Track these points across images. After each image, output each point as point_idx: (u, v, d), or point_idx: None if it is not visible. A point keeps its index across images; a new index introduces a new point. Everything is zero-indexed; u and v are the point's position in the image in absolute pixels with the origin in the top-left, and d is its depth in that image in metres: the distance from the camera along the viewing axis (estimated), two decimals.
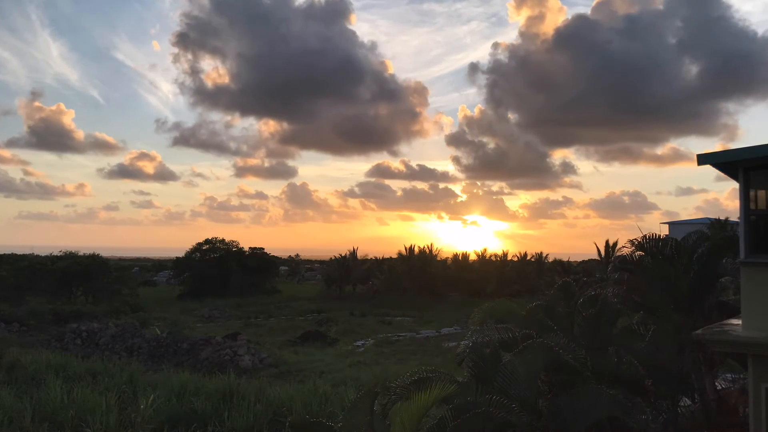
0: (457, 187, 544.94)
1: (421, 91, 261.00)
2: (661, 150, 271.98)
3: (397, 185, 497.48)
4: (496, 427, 7.35)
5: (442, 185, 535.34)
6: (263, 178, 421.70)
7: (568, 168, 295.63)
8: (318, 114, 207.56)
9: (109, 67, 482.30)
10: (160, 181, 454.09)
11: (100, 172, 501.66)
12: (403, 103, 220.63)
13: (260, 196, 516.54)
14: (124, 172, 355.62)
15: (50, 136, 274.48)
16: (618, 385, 9.10)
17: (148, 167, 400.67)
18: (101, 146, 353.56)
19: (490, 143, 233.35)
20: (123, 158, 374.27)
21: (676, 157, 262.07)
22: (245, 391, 15.76)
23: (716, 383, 12.51)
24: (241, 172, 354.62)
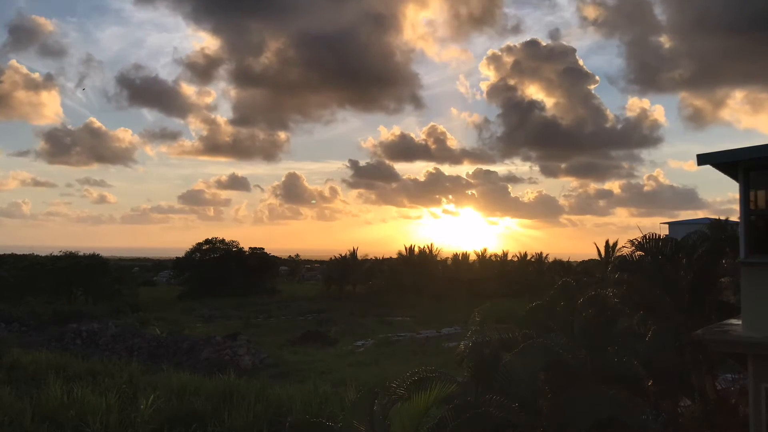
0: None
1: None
2: None
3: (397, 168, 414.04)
4: (496, 427, 7.35)
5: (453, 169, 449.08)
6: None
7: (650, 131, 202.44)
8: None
9: None
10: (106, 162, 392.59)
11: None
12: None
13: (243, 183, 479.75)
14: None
15: None
16: (618, 385, 9.10)
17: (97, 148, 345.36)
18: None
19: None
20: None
21: None
22: (245, 391, 15.76)
23: (716, 383, 12.53)
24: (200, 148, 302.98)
